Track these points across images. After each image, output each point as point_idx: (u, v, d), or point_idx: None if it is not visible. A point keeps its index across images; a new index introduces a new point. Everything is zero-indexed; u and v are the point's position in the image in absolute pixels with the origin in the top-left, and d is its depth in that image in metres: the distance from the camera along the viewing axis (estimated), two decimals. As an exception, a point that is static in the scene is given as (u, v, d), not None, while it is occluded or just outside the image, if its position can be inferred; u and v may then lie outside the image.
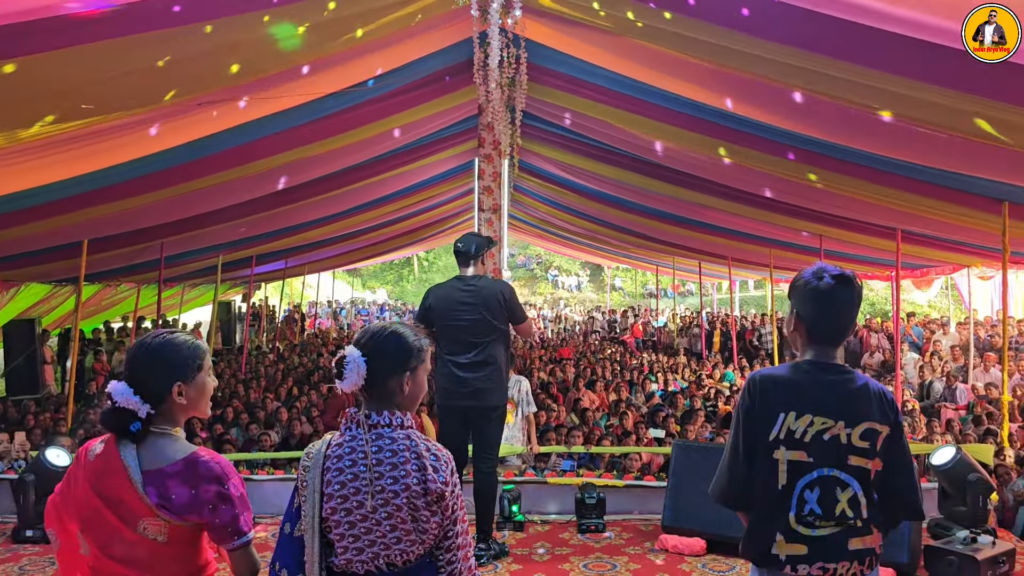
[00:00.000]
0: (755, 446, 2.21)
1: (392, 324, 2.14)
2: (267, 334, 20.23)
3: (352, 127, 7.67)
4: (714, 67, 5.66)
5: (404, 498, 1.93)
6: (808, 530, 2.13)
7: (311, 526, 1.96)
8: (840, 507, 2.13)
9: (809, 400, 2.18)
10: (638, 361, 15.27)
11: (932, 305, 23.43)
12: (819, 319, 2.23)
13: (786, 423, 2.17)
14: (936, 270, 13.50)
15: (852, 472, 2.15)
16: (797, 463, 2.16)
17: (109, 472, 1.98)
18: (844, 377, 2.23)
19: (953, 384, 10.91)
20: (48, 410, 9.64)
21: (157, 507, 1.95)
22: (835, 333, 2.25)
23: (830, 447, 2.15)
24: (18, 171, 5.86)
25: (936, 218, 8.16)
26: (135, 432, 1.98)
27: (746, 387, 2.28)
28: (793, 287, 2.30)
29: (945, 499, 5.06)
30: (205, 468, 1.98)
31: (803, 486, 2.15)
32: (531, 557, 5.03)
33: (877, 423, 2.18)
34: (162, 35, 4.74)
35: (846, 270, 2.24)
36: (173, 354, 2.05)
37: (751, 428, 2.22)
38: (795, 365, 2.27)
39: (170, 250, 11.11)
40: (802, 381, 2.21)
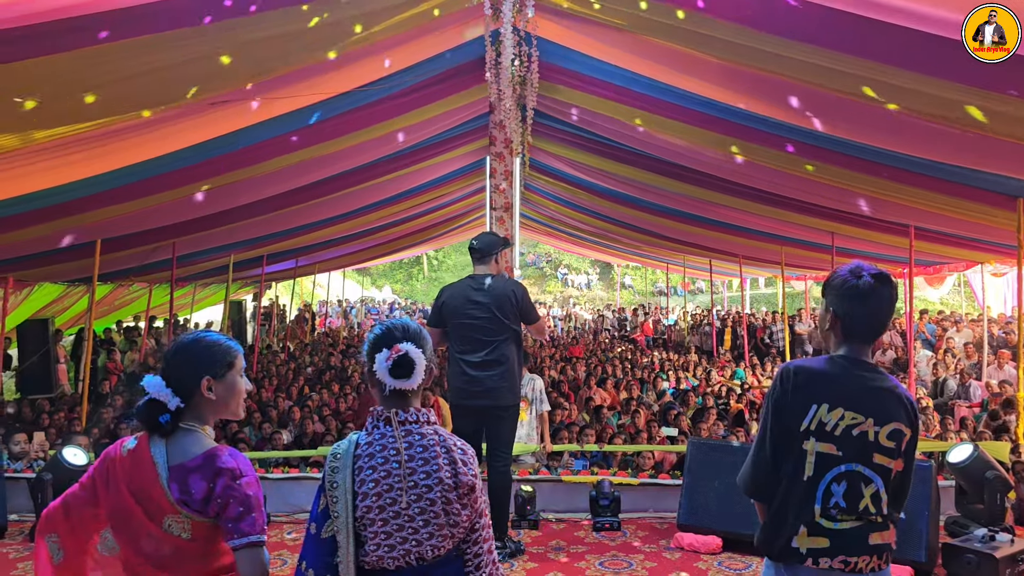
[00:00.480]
0: (784, 436, 2.22)
1: (408, 320, 2.17)
2: (278, 333, 20.29)
3: (364, 126, 7.68)
4: (725, 64, 5.64)
5: (438, 492, 1.96)
6: (831, 523, 2.14)
7: (345, 526, 1.97)
8: (864, 502, 2.15)
9: (842, 394, 2.19)
10: (649, 359, 15.25)
11: (944, 302, 23.29)
12: (857, 317, 2.24)
13: (818, 414, 2.18)
14: (949, 267, 13.41)
15: (876, 470, 2.17)
16: (826, 455, 2.17)
17: (139, 468, 2.03)
18: (877, 376, 2.25)
19: (967, 382, 10.85)
20: (62, 410, 9.69)
21: (179, 502, 1.98)
22: (872, 331, 2.27)
23: (858, 443, 2.17)
24: (32, 172, 5.90)
25: (950, 214, 8.11)
26: (164, 424, 2.03)
27: (778, 377, 2.28)
28: (829, 285, 2.30)
29: (962, 497, 5.04)
30: (221, 462, 2.01)
31: (831, 478, 2.16)
32: (547, 555, 5.03)
33: (904, 425, 2.20)
34: (177, 35, 4.76)
35: (883, 269, 2.25)
36: (204, 350, 2.12)
37: (780, 418, 2.23)
38: (830, 358, 2.28)
39: (182, 250, 11.15)
40: (837, 374, 2.23)
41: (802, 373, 2.25)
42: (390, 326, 2.10)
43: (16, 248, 8.84)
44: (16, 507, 5.94)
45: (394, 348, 2.01)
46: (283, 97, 6.23)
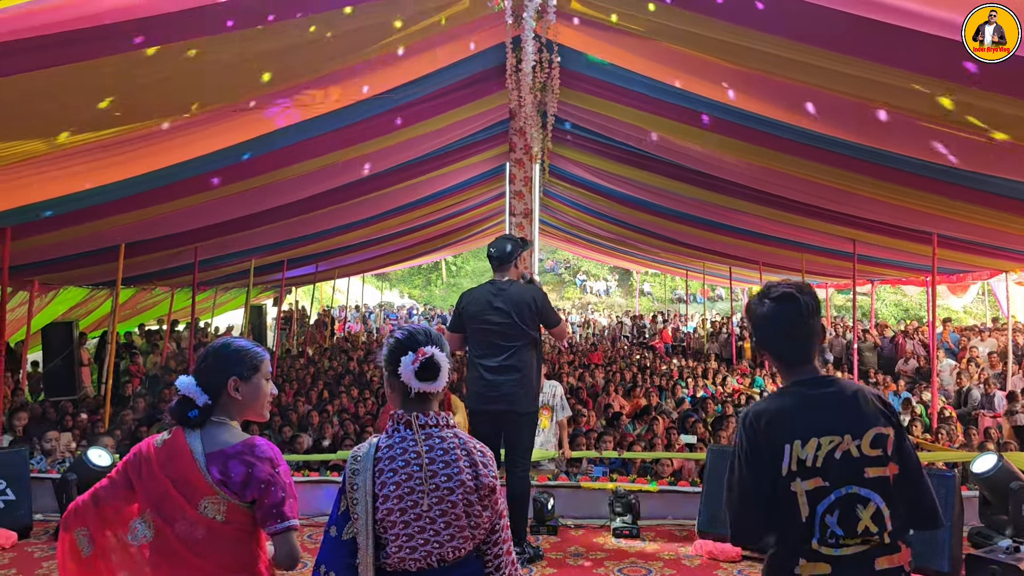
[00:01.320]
0: (767, 486, 2.09)
1: (425, 325, 2.21)
2: (297, 337, 20.42)
3: (385, 132, 7.73)
4: (745, 70, 5.64)
5: (459, 494, 1.98)
6: (831, 550, 2.02)
7: (364, 528, 1.99)
8: (862, 524, 2.02)
9: (809, 423, 2.08)
10: (668, 367, 15.19)
11: (968, 311, 23.05)
12: (776, 342, 2.18)
13: (794, 454, 2.06)
14: (973, 275, 13.27)
15: (871, 485, 2.05)
16: (815, 490, 2.04)
17: (175, 455, 2.18)
18: (835, 388, 2.14)
19: (991, 391, 10.73)
20: (85, 411, 9.80)
21: (218, 483, 2.13)
22: (799, 351, 2.16)
23: (844, 464, 2.05)
24: (58, 177, 5.98)
25: (973, 222, 8.03)
26: (193, 419, 2.20)
27: (742, 427, 2.16)
28: (748, 316, 2.25)
29: (986, 507, 4.98)
30: (260, 451, 2.19)
31: (823, 511, 2.03)
32: (565, 561, 5.03)
33: (881, 426, 2.08)
34: (199, 43, 4.82)
35: (789, 284, 2.17)
36: (233, 353, 2.30)
37: (759, 468, 2.09)
38: (781, 392, 2.19)
39: (204, 254, 11.26)
40: (796, 405, 2.12)
41: (763, 417, 2.12)
42: (413, 330, 2.13)
43: (42, 252, 8.97)
44: (41, 507, 6.01)
45: (420, 351, 2.04)
46: (307, 104, 6.28)
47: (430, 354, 2.03)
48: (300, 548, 2.21)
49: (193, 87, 5.41)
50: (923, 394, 10.84)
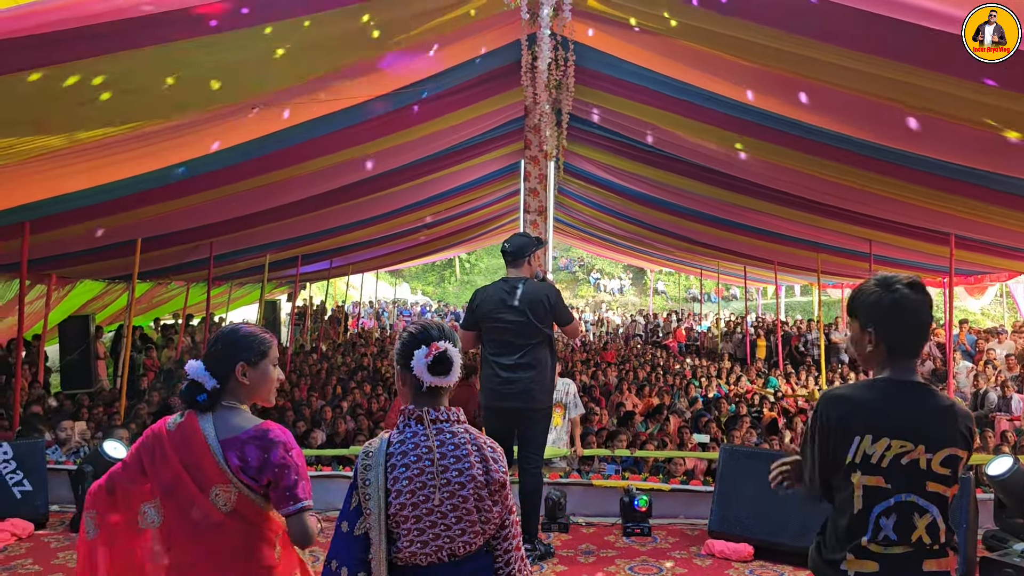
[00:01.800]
0: (831, 467, 2.09)
1: (439, 321, 2.22)
2: (311, 333, 20.50)
3: (399, 128, 7.74)
4: (763, 69, 5.60)
5: (471, 489, 1.99)
6: (881, 548, 2.01)
7: (377, 523, 2.00)
8: (917, 533, 2.01)
9: (887, 422, 2.04)
10: (681, 366, 15.14)
11: (985, 313, 22.84)
12: (899, 332, 2.08)
13: (862, 447, 2.03)
14: (991, 277, 13.15)
15: (931, 498, 2.02)
16: (874, 488, 2.03)
17: (188, 441, 2.22)
18: (927, 397, 2.09)
19: (1009, 394, 10.63)
20: (101, 404, 9.89)
21: (237, 471, 2.17)
22: (915, 344, 2.11)
23: (909, 472, 2.02)
24: (76, 171, 6.03)
25: (993, 223, 7.96)
26: (202, 402, 2.24)
27: (819, 408, 2.13)
28: (859, 303, 2.13)
29: (1001, 511, 4.94)
30: (274, 435, 2.23)
31: (879, 512, 2.01)
32: (576, 559, 5.03)
33: (959, 448, 2.04)
34: (218, 39, 4.84)
35: (912, 275, 2.12)
36: (241, 339, 2.34)
37: (826, 448, 2.09)
38: (871, 383, 2.13)
39: (219, 249, 11.33)
40: (880, 401, 2.07)
41: (841, 403, 2.09)
42: (427, 325, 2.14)
43: (60, 245, 9.05)
44: (57, 498, 6.07)
45: (433, 345, 2.05)
46: (323, 100, 6.30)
47: (443, 348, 2.03)
48: (314, 528, 2.23)
49: (214, 82, 5.44)
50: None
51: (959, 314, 16.82)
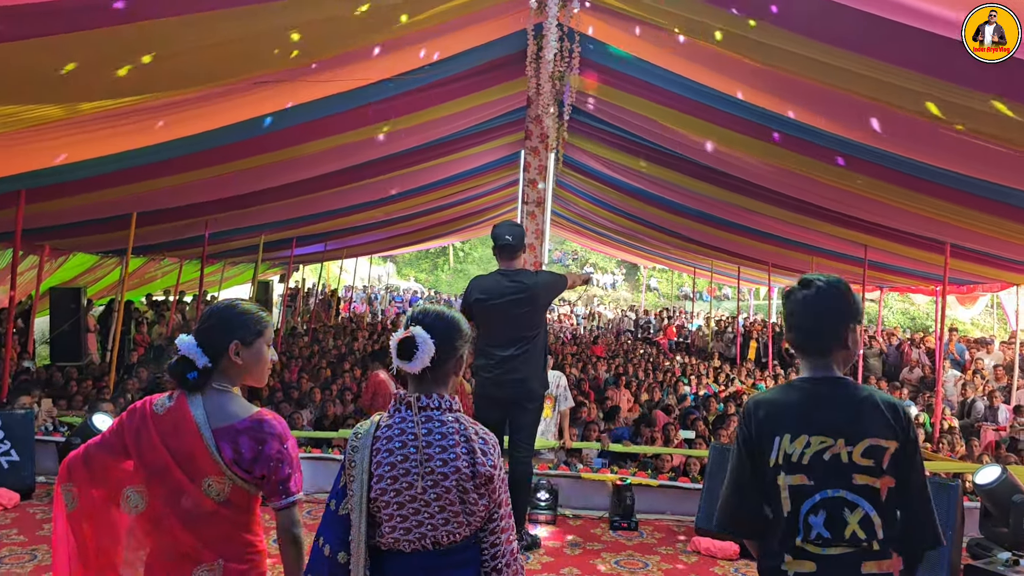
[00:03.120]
0: (760, 475, 2.10)
1: (436, 305, 2.16)
2: (302, 315, 20.46)
3: (402, 113, 7.70)
4: (768, 69, 5.59)
5: (454, 480, 1.95)
6: (818, 548, 2.00)
7: (358, 505, 1.98)
8: (850, 529, 1.99)
9: (803, 420, 2.07)
10: (671, 363, 15.18)
11: (975, 323, 22.96)
12: (801, 331, 2.15)
13: (782, 447, 2.06)
14: (983, 287, 13.20)
15: (859, 492, 2.00)
16: (798, 487, 2.03)
17: (179, 429, 2.11)
18: (844, 391, 2.10)
19: (996, 404, 10.69)
20: (89, 378, 9.85)
21: (231, 463, 2.09)
22: (821, 342, 2.13)
23: (831, 467, 2.02)
24: (75, 142, 5.99)
25: (989, 234, 7.98)
26: (193, 381, 2.14)
27: (742, 415, 2.18)
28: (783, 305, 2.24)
29: (987, 519, 4.97)
30: (270, 427, 2.15)
31: (807, 510, 2.02)
32: (563, 550, 5.04)
33: (883, 439, 2.03)
34: (223, 14, 4.80)
35: (830, 277, 2.16)
36: (235, 317, 2.23)
37: (752, 456, 2.11)
38: (788, 384, 2.19)
39: (214, 228, 11.28)
40: (796, 400, 2.11)
41: (762, 407, 2.14)
42: (421, 309, 2.10)
43: (55, 216, 8.99)
44: (45, 470, 6.06)
45: (407, 329, 2.02)
46: (325, 81, 6.26)
47: (412, 334, 1.99)
48: (300, 521, 2.20)
49: (214, 60, 5.39)
50: (927, 403, 10.81)
51: (950, 323, 16.90)
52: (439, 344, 2.01)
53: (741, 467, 2.15)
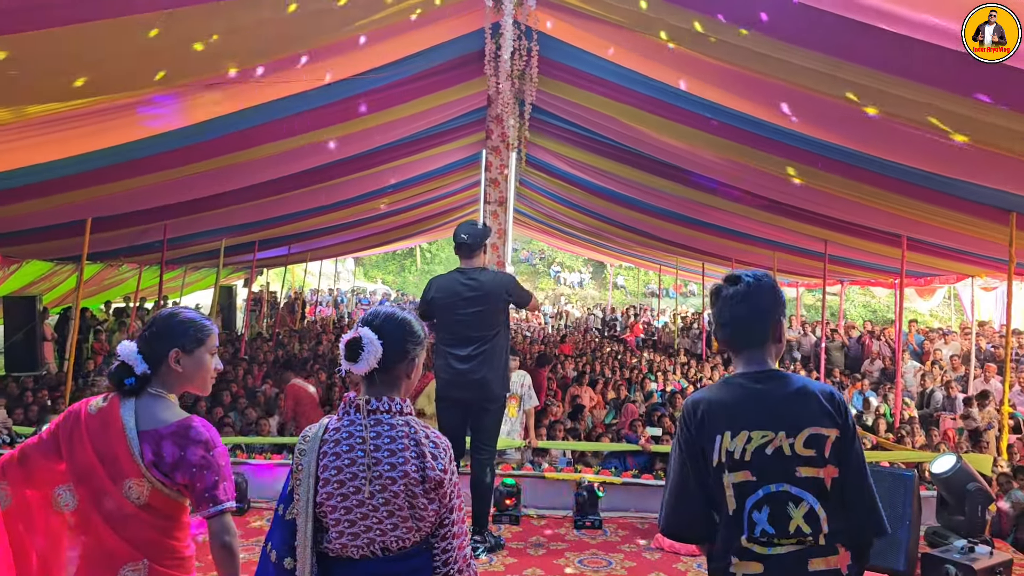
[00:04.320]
0: (704, 475, 2.06)
1: (401, 309, 2.13)
2: (267, 320, 20.23)
3: (360, 114, 7.64)
4: (726, 66, 5.63)
5: (402, 485, 1.92)
6: (764, 548, 1.98)
7: (305, 510, 1.95)
8: (795, 523, 1.96)
9: (742, 416, 2.04)
10: (638, 360, 15.25)
11: (934, 314, 23.39)
12: (727, 323, 2.12)
13: (723, 445, 2.02)
14: (940, 279, 13.46)
15: (804, 485, 1.99)
16: (742, 484, 2.01)
17: (107, 430, 2.12)
18: (778, 383, 2.08)
19: (953, 394, 10.89)
20: (45, 387, 9.64)
21: (150, 465, 2.08)
22: (741, 337, 2.12)
23: (774, 460, 2.00)
24: (24, 147, 5.85)
25: (942, 226, 8.13)
26: (129, 387, 2.15)
27: (682, 415, 2.14)
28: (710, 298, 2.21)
29: (944, 508, 5.04)
30: (195, 433, 2.13)
31: (750, 506, 1.99)
32: (527, 551, 5.02)
33: (823, 427, 2.01)
34: (175, 14, 4.71)
35: (750, 271, 2.16)
36: (178, 324, 2.23)
37: (695, 456, 2.07)
38: (724, 381, 2.15)
39: (173, 232, 11.09)
40: (731, 397, 2.08)
41: (701, 405, 2.10)
42: (372, 311, 2.09)
43: (6, 223, 8.77)
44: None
45: (356, 331, 2.00)
46: (281, 82, 6.19)
47: (359, 334, 1.97)
48: (236, 529, 2.17)
49: (166, 61, 5.29)
50: (887, 394, 10.98)
51: (910, 315, 17.19)
52: (387, 346, 1.98)
53: (683, 470, 2.11)
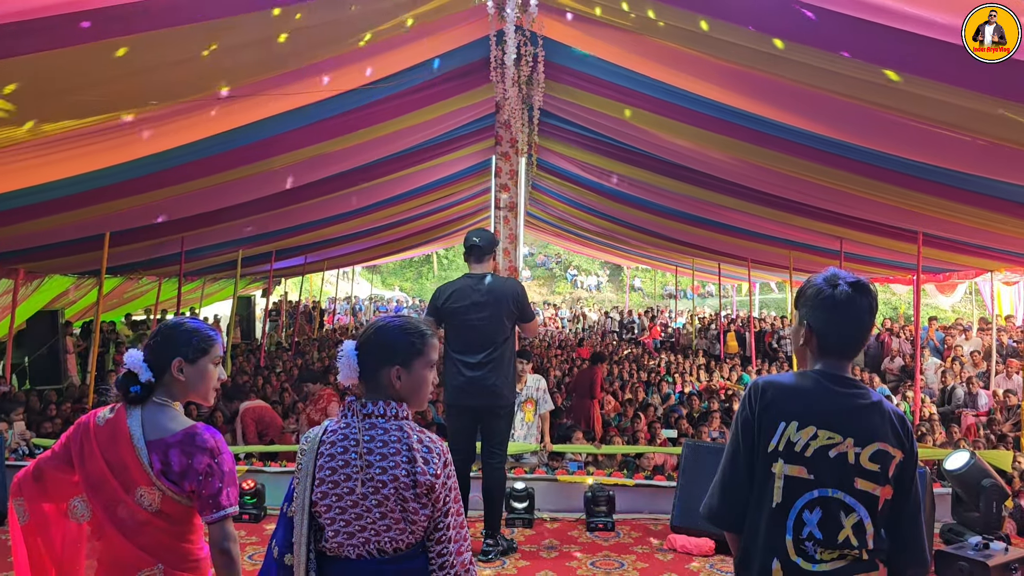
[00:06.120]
0: (754, 458, 1.99)
1: (393, 317, 2.18)
2: (286, 329, 20.40)
3: (370, 124, 7.71)
4: (734, 67, 5.63)
5: (392, 488, 1.96)
6: (808, 564, 1.90)
7: (301, 508, 2.01)
8: (844, 533, 1.90)
9: (814, 410, 1.96)
10: (656, 362, 15.22)
11: (956, 310, 23.13)
12: (833, 330, 2.01)
13: (786, 433, 1.95)
14: (959, 274, 13.33)
15: (859, 497, 1.92)
16: (795, 479, 1.94)
17: (116, 440, 2.17)
18: (857, 391, 2.01)
19: (975, 390, 10.78)
20: (69, 400, 9.78)
21: (159, 474, 2.13)
22: (850, 345, 2.04)
23: (835, 465, 1.93)
24: (42, 164, 5.96)
25: (959, 222, 8.06)
26: (134, 395, 2.19)
27: (746, 394, 2.06)
28: (803, 296, 2.07)
29: (958, 504, 5.02)
30: (201, 440, 2.18)
31: (802, 505, 1.92)
32: (539, 554, 5.04)
33: (891, 446, 1.95)
34: (189, 29, 4.79)
35: (861, 276, 2.04)
36: (182, 334, 2.28)
37: (750, 439, 2.00)
38: (802, 373, 2.06)
39: (190, 244, 11.23)
40: (809, 389, 2.00)
41: (771, 388, 2.01)
42: (370, 322, 2.16)
43: (27, 239, 8.93)
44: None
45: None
46: (291, 94, 6.26)
47: (342, 348, 2.06)
48: (235, 534, 2.22)
49: (182, 76, 5.37)
50: (907, 392, 10.90)
51: (930, 311, 17.03)
52: (363, 358, 2.06)
53: (736, 452, 2.03)
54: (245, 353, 15.67)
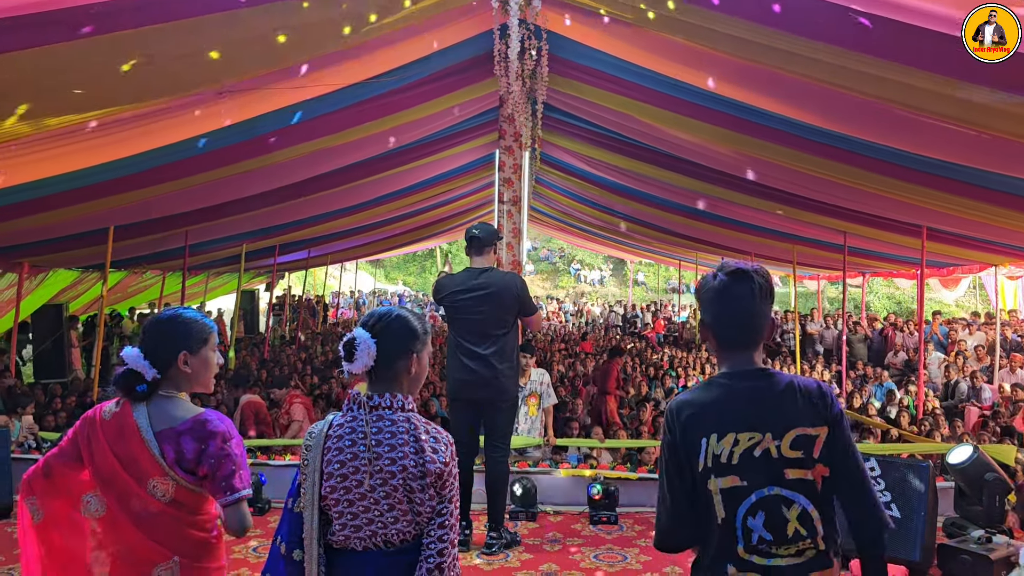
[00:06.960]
0: (690, 481, 1.94)
1: (398, 307, 2.19)
2: (290, 323, 20.44)
3: (374, 117, 7.71)
4: (738, 61, 5.62)
5: (400, 479, 1.97)
6: (763, 559, 1.87)
7: (310, 503, 2.02)
8: (791, 527, 1.87)
9: (728, 417, 1.93)
10: (659, 356, 15.23)
11: (960, 304, 23.10)
12: (722, 321, 2.00)
13: (709, 448, 1.91)
14: (963, 268, 13.31)
15: (793, 487, 1.89)
16: (731, 490, 1.90)
17: (123, 434, 2.17)
18: (764, 382, 1.97)
19: (979, 384, 10.77)
20: (73, 394, 9.80)
21: (173, 464, 2.14)
22: (745, 333, 1.99)
23: (762, 464, 1.90)
24: (45, 158, 5.97)
25: (963, 216, 8.05)
26: (140, 393, 2.19)
27: (665, 419, 2.02)
28: (696, 295, 2.09)
29: (961, 498, 5.02)
30: (212, 426, 2.19)
31: (744, 513, 1.89)
32: (543, 547, 5.06)
33: (809, 427, 1.91)
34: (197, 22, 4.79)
35: (748, 264, 2.01)
36: (182, 326, 2.28)
37: (677, 462, 1.95)
38: (709, 382, 2.03)
39: (194, 238, 11.25)
40: (718, 398, 1.97)
41: (686, 408, 1.98)
42: (369, 313, 2.16)
43: (31, 233, 8.95)
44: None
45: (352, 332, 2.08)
46: (295, 87, 6.26)
47: (353, 335, 2.04)
48: (250, 517, 2.24)
49: (184, 70, 5.38)
50: (910, 386, 10.89)
51: (934, 306, 16.99)
52: (381, 345, 2.05)
53: (671, 477, 1.98)
54: (249, 347, 15.70)
